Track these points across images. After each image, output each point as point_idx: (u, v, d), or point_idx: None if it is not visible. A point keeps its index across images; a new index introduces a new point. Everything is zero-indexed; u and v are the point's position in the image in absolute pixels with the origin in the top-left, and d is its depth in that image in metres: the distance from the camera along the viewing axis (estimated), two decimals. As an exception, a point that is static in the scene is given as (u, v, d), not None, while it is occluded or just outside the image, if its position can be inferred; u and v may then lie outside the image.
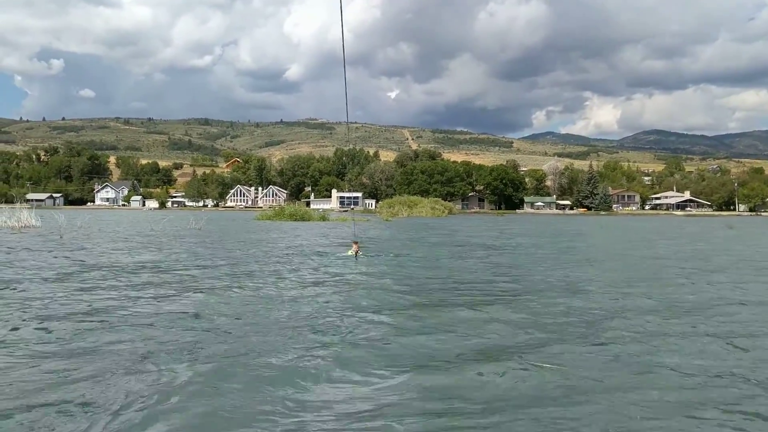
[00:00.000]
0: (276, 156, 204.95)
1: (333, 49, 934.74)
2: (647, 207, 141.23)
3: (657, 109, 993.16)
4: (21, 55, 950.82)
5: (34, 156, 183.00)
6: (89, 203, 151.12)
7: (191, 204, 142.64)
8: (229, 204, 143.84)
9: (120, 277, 11.59)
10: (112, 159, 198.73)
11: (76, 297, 9.15)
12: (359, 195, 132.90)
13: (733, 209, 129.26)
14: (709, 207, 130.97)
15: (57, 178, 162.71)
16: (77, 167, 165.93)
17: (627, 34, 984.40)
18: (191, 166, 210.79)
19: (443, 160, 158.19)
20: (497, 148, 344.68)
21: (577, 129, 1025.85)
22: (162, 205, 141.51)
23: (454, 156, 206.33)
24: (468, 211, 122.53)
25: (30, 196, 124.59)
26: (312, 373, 5.26)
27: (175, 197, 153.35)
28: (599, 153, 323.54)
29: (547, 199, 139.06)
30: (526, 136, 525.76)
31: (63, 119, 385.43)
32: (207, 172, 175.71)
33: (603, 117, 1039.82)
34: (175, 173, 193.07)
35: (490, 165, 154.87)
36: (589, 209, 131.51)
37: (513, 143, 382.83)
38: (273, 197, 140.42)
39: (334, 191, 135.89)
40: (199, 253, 17.80)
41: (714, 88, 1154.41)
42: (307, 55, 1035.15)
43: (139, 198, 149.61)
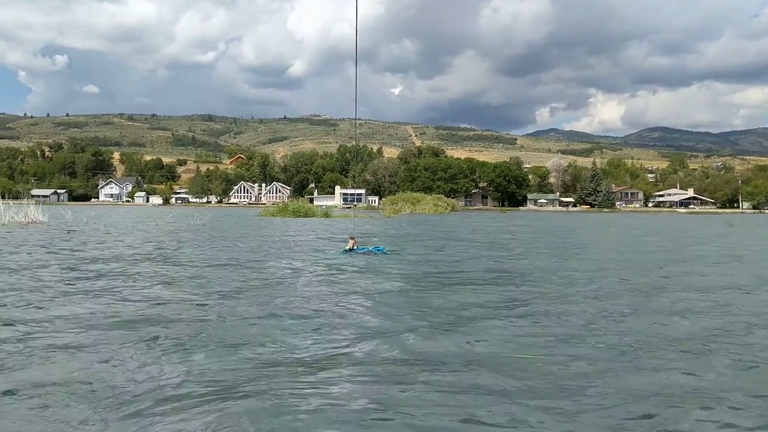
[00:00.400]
0: (279, 152, 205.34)
1: (336, 45, 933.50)
2: (650, 204, 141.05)
3: (661, 106, 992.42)
4: (25, 51, 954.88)
5: (38, 152, 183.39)
6: (93, 199, 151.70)
7: (195, 200, 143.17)
8: (233, 200, 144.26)
9: (130, 269, 11.89)
10: (115, 155, 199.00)
11: (81, 289, 9.44)
12: (362, 192, 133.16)
13: (737, 207, 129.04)
14: (713, 204, 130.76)
15: (61, 174, 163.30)
16: (81, 163, 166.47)
17: (631, 30, 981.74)
18: (195, 162, 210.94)
19: (447, 157, 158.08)
20: (501, 144, 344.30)
21: (581, 126, 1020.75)
22: (166, 202, 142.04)
23: (457, 153, 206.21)
24: (471, 208, 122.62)
25: (34, 192, 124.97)
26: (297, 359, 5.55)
27: (179, 193, 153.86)
28: (603, 150, 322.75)
29: (550, 196, 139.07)
30: (529, 132, 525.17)
31: (67, 115, 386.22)
32: (210, 168, 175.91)
33: (607, 114, 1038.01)
34: (179, 169, 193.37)
35: (493, 162, 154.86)
36: (592, 206, 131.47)
37: (517, 140, 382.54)
38: (276, 194, 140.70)
39: (337, 188, 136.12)
40: (204, 248, 18.13)
41: (719, 84, 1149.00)
42: (311, 52, 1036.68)
43: (143, 194, 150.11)
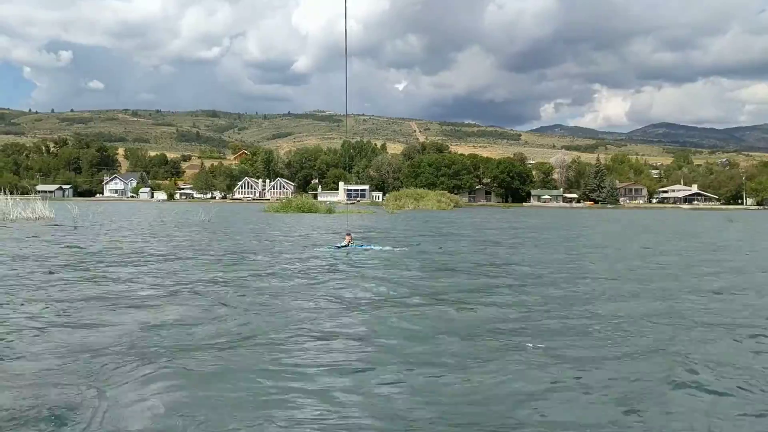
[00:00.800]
0: (283, 148, 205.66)
1: (341, 41, 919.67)
2: (654, 200, 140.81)
3: (666, 102, 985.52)
4: (30, 47, 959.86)
5: (43, 147, 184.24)
6: (98, 195, 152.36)
7: (199, 196, 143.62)
8: (237, 196, 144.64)
9: (138, 264, 12.18)
10: (120, 151, 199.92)
11: (89, 282, 9.73)
12: (366, 187, 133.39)
13: (741, 203, 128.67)
14: (717, 201, 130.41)
15: (66, 169, 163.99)
16: (86, 159, 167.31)
17: (637, 25, 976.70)
18: (199, 158, 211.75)
19: (450, 153, 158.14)
20: (505, 140, 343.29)
21: (586, 122, 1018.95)
22: (170, 197, 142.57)
23: (461, 148, 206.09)
24: (474, 204, 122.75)
25: (40, 187, 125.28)
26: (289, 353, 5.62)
27: (184, 189, 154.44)
28: (607, 146, 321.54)
29: (554, 192, 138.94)
30: (534, 128, 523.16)
31: (72, 111, 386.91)
32: (215, 164, 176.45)
33: (612, 110, 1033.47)
34: (183, 165, 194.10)
35: (497, 158, 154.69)
36: (596, 202, 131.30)
37: (521, 136, 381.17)
38: (280, 189, 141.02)
39: (341, 183, 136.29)
40: (211, 243, 18.44)
41: (724, 80, 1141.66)
42: (315, 47, 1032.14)
43: (148, 190, 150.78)
